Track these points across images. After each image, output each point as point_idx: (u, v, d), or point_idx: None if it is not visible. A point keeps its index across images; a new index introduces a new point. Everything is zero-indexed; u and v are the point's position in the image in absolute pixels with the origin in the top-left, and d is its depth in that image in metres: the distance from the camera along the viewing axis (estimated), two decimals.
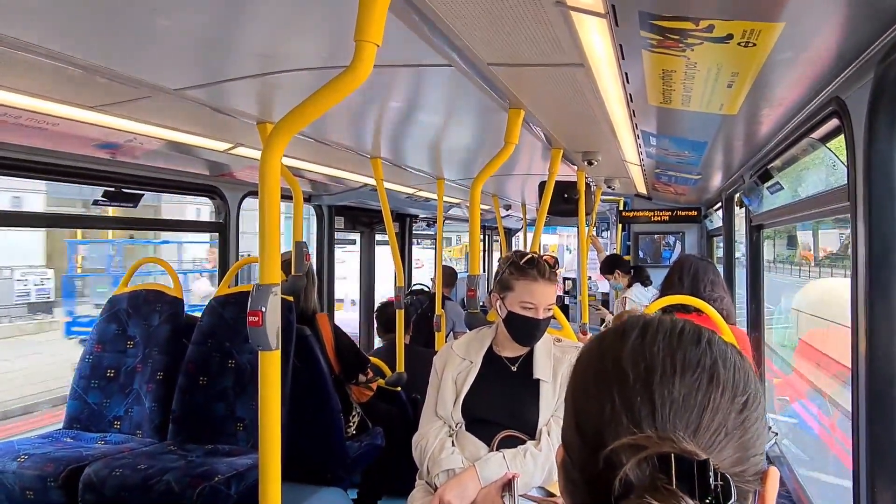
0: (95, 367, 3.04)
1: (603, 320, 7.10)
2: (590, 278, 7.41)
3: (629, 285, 5.60)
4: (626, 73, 1.92)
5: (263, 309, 1.46)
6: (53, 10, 1.50)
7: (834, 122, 1.84)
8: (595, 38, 1.62)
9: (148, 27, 1.64)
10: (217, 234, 3.71)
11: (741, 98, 1.97)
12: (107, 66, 1.87)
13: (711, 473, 0.57)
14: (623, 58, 1.74)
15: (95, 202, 3.06)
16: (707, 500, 0.57)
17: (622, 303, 5.51)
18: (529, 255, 2.17)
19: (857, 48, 1.48)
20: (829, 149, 2.04)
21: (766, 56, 1.53)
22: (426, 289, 5.84)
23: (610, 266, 5.88)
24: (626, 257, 6.52)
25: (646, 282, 5.50)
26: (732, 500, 0.57)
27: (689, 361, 0.65)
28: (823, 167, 2.21)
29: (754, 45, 1.42)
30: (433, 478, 2.04)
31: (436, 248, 4.92)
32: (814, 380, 4.97)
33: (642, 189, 5.88)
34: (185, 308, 3.18)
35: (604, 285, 8.87)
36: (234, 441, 2.83)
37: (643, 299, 5.29)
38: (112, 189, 3.00)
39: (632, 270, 5.77)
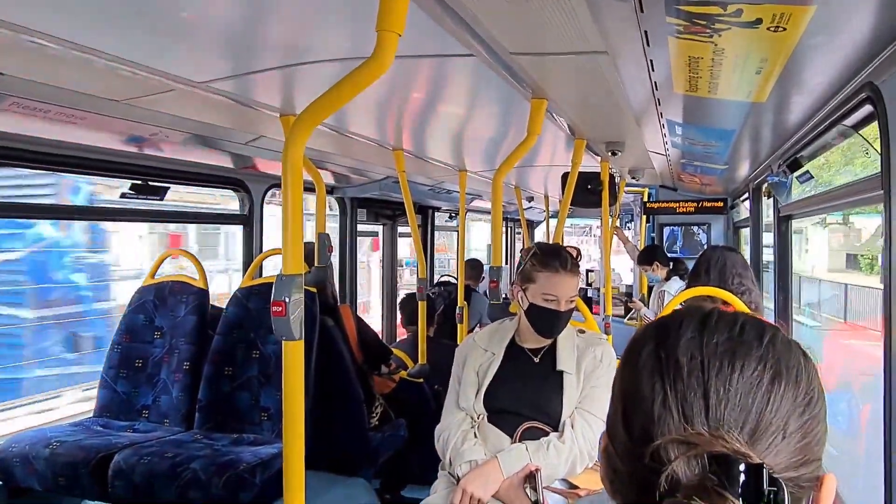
0: (124, 357, 3.09)
1: (627, 310, 7.03)
2: (613, 270, 7.33)
3: (667, 278, 5.47)
4: (652, 61, 1.89)
5: (287, 299, 1.47)
6: (80, 4, 1.51)
7: (867, 109, 1.79)
8: (620, 24, 1.60)
9: (174, 20, 1.65)
10: (241, 225, 3.74)
11: (770, 85, 1.93)
12: (133, 59, 1.89)
13: (765, 478, 0.54)
14: (648, 45, 1.71)
15: (123, 195, 3.10)
16: None
17: (660, 296, 5.41)
18: (552, 247, 2.15)
19: (891, 32, 1.44)
20: (862, 136, 1.98)
21: (797, 41, 1.49)
22: (453, 280, 5.83)
23: (648, 257, 5.74)
24: None
25: (683, 275, 5.25)
26: None
27: (750, 358, 0.61)
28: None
29: (784, 29, 1.39)
30: (455, 469, 2.04)
31: (458, 241, 4.91)
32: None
33: (667, 180, 5.80)
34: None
35: (627, 277, 8.79)
36: (259, 430, 2.86)
37: None
38: (139, 182, 3.04)
39: (670, 263, 5.64)
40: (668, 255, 6.04)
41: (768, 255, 4.00)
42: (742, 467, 0.55)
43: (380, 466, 3.33)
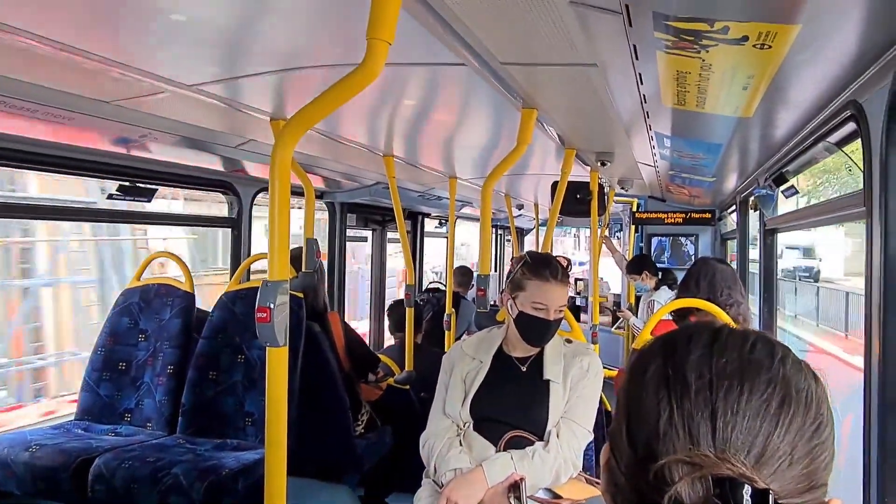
0: (107, 360, 3.06)
1: (615, 319, 7.06)
2: (601, 279, 7.37)
3: (656, 287, 5.49)
4: (640, 74, 1.91)
5: (272, 305, 1.47)
6: (70, 4, 1.51)
7: (850, 126, 1.81)
8: (609, 38, 1.62)
9: (165, 23, 1.65)
10: (230, 229, 3.72)
11: (756, 100, 1.95)
12: (123, 60, 1.88)
13: (771, 503, 0.54)
14: (637, 58, 1.73)
15: (110, 196, 3.08)
16: None
17: (649, 306, 5.42)
18: (542, 256, 2.16)
19: (875, 51, 1.46)
20: (846, 153, 2.01)
21: (782, 58, 1.51)
22: (442, 287, 5.83)
23: (637, 266, 5.77)
24: None
25: (672, 285, 5.29)
26: None
27: (760, 379, 0.59)
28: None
29: (770, 47, 1.41)
30: (440, 476, 2.04)
31: (447, 247, 4.92)
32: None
33: (656, 191, 5.84)
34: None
35: (615, 287, 8.83)
36: (243, 435, 2.84)
37: None
38: (126, 183, 3.02)
39: (659, 273, 5.65)
40: (657, 265, 6.08)
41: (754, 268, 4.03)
42: (748, 491, 0.54)
43: (364, 473, 3.32)
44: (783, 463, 0.57)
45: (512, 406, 2.09)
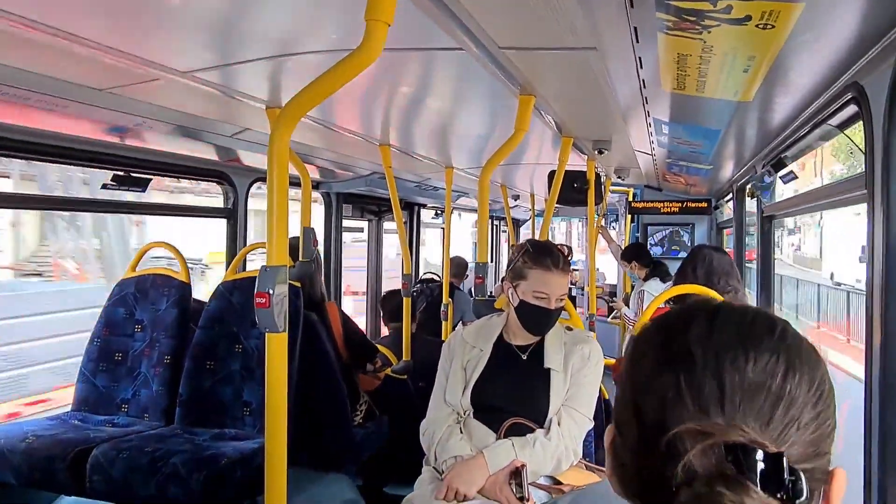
0: (103, 351, 3.04)
1: (611, 310, 7.07)
2: (597, 269, 7.37)
3: (646, 278, 5.50)
4: (640, 58, 1.89)
5: (271, 291, 1.45)
6: None
7: (852, 109, 1.80)
8: (609, 20, 1.60)
9: (158, 7, 1.62)
10: (225, 219, 3.70)
11: (757, 84, 1.94)
12: (116, 46, 1.85)
13: (785, 467, 0.54)
14: (637, 41, 1.71)
15: (104, 186, 3.05)
16: (779, 495, 0.54)
17: (640, 296, 5.43)
18: (544, 245, 2.14)
19: (877, 31, 1.45)
20: (847, 135, 2.00)
21: (785, 39, 1.50)
22: (436, 278, 5.83)
23: (631, 254, 5.76)
24: None
25: (665, 278, 5.31)
26: (804, 497, 0.54)
27: (762, 349, 0.60)
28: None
29: (773, 26, 1.39)
30: (440, 464, 2.03)
31: (444, 238, 4.91)
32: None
33: (652, 180, 5.83)
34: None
35: (611, 277, 8.84)
36: (241, 425, 2.83)
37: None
38: (121, 173, 3.00)
39: (651, 264, 5.66)
40: (652, 254, 6.09)
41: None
42: (760, 456, 0.54)
43: (363, 463, 3.31)
44: (792, 429, 0.58)
45: (512, 394, 2.08)
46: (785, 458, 0.54)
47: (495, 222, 9.03)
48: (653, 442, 0.59)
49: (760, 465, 0.54)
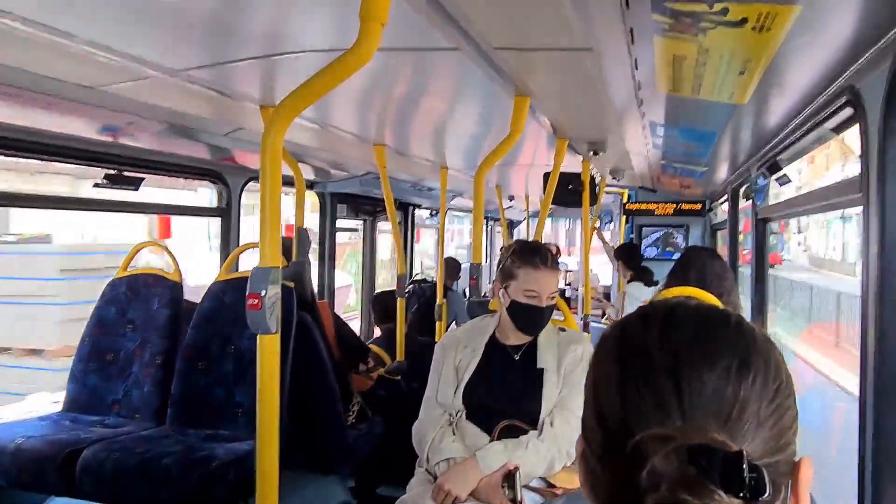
0: (94, 351, 3.02)
1: (604, 313, 7.07)
2: (591, 271, 7.38)
3: (629, 280, 5.52)
4: (636, 59, 1.89)
5: (263, 292, 1.44)
6: None
7: (847, 112, 1.80)
8: (605, 21, 1.59)
9: (150, 5, 1.61)
10: (219, 218, 3.68)
11: (753, 86, 1.93)
12: (108, 44, 1.83)
13: (745, 465, 0.54)
14: (633, 42, 1.70)
15: (97, 185, 3.03)
16: (741, 494, 0.54)
17: (622, 297, 5.45)
18: (532, 244, 2.15)
19: (874, 35, 1.44)
20: (842, 139, 2.00)
21: (781, 42, 1.49)
22: (429, 278, 5.83)
23: (623, 253, 5.76)
24: None
25: (650, 282, 5.33)
26: (767, 493, 0.54)
27: (719, 348, 0.61)
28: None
29: (769, 29, 1.39)
30: (433, 466, 2.03)
31: (438, 238, 4.90)
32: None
33: (647, 181, 5.84)
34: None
35: (605, 278, 8.85)
36: (234, 426, 2.81)
37: (641, 297, 5.21)
38: (113, 172, 2.97)
39: (636, 268, 5.67)
40: (646, 255, 6.10)
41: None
42: (721, 456, 0.55)
43: (355, 464, 3.30)
44: (751, 425, 0.58)
45: (505, 395, 2.07)
46: (745, 456, 0.55)
47: (490, 223, 9.03)
48: (617, 449, 0.59)
49: (721, 465, 0.54)
